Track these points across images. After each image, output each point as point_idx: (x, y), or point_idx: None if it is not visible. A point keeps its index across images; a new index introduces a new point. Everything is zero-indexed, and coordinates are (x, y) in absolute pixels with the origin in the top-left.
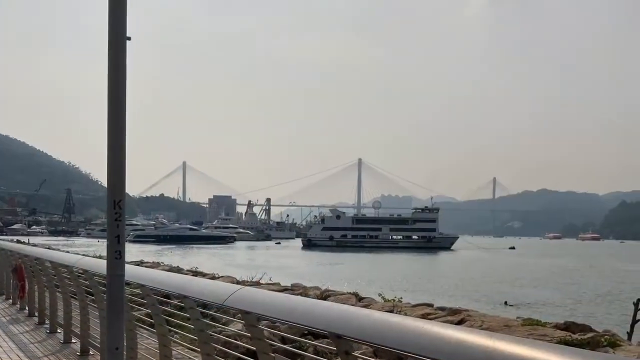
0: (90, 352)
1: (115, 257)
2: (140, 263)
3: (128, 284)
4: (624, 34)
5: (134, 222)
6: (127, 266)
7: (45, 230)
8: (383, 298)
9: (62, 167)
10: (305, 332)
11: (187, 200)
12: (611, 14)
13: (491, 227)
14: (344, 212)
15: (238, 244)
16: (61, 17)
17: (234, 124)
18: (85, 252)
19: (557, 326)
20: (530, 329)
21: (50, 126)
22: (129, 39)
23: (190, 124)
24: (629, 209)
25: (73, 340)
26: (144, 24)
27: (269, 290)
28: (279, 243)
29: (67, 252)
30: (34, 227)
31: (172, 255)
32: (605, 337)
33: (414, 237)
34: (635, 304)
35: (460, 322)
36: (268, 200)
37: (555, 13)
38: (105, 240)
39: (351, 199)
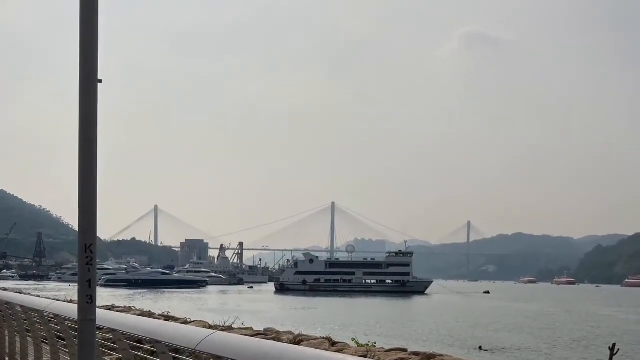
0: None
1: (87, 301)
2: (111, 307)
3: (99, 328)
4: (598, 80)
5: (106, 266)
6: (98, 310)
7: (15, 275)
8: (357, 343)
9: (33, 211)
10: None
11: (159, 244)
12: (586, 61)
13: (465, 271)
14: (317, 256)
15: (210, 288)
16: (32, 60)
17: (206, 168)
18: (56, 297)
19: None
20: None
21: (21, 169)
22: (100, 81)
23: (162, 167)
24: (604, 253)
25: None
26: (116, 67)
27: (241, 335)
28: (252, 287)
29: (38, 296)
30: (5, 271)
31: (144, 299)
32: None
33: (388, 281)
34: (611, 349)
35: None
36: (240, 244)
37: (529, 58)
38: (77, 284)
39: (324, 243)
